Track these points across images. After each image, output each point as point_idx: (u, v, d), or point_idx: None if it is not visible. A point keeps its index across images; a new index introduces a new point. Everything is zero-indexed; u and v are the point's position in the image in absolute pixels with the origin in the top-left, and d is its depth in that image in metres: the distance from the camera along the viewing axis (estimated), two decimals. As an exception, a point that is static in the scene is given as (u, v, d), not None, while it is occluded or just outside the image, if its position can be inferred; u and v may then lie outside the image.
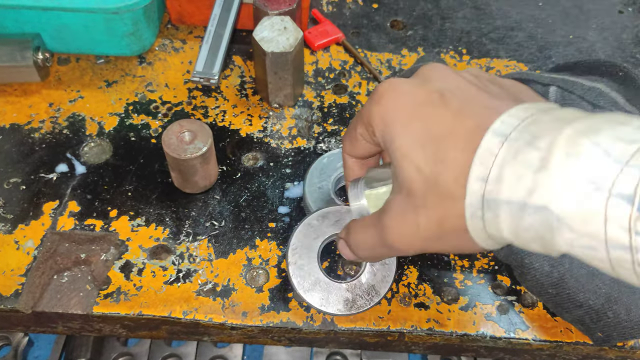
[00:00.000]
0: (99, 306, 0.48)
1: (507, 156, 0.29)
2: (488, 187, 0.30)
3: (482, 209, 0.31)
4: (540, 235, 0.29)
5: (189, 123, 0.51)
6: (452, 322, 0.48)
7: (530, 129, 0.29)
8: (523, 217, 0.29)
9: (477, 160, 0.30)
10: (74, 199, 0.53)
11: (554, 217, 0.28)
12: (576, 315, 0.45)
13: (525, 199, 0.28)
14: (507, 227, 0.30)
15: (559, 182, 0.27)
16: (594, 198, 0.26)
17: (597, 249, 0.27)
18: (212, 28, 0.56)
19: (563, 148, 0.27)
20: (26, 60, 0.57)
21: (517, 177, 0.29)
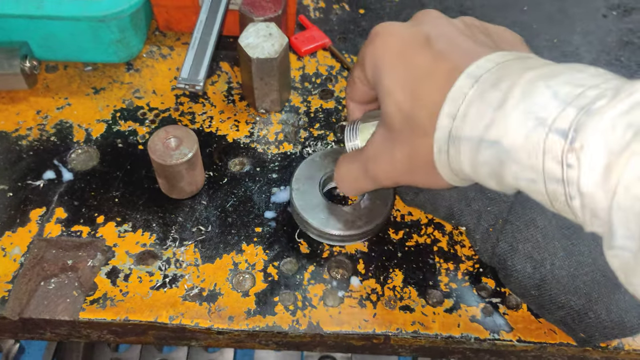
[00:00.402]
0: (86, 312, 0.48)
1: (475, 96, 0.32)
2: (455, 123, 0.33)
3: (447, 143, 0.33)
4: (493, 170, 0.32)
5: (175, 129, 0.51)
6: (437, 325, 0.48)
7: (499, 73, 0.32)
8: (479, 151, 0.32)
9: (449, 98, 0.33)
10: (61, 206, 0.53)
11: (503, 150, 0.30)
12: (558, 316, 0.45)
13: (483, 134, 0.31)
14: (467, 162, 0.33)
15: (511, 119, 0.30)
16: (537, 132, 0.29)
17: (537, 181, 0.29)
18: (197, 35, 0.56)
19: (520, 90, 0.30)
20: (13, 68, 0.57)
21: (479, 115, 0.31)
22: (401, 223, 0.54)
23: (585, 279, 0.43)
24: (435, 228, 0.54)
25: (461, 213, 0.51)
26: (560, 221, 0.45)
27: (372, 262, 0.52)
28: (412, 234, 0.53)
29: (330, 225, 0.49)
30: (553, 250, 0.44)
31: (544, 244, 0.45)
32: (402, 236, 0.53)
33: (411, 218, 0.54)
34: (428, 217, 0.54)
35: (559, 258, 0.44)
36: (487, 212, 0.49)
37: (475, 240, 0.50)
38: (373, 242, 0.53)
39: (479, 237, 0.50)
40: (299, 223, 0.52)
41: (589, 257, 0.43)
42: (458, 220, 0.51)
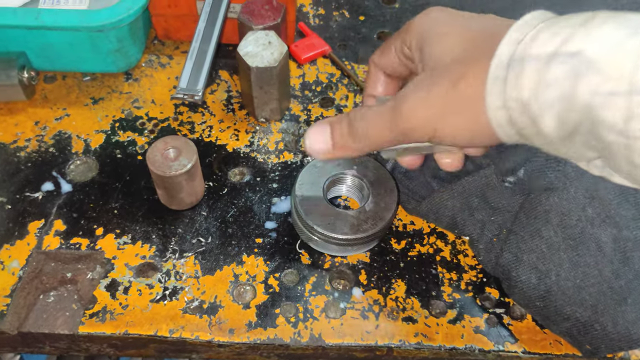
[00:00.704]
0: (85, 326, 0.47)
1: (546, 25, 0.30)
2: (520, 46, 0.30)
3: (506, 68, 0.30)
4: (562, 91, 0.28)
5: (174, 140, 0.51)
6: (440, 336, 0.48)
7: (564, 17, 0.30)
8: (550, 68, 0.28)
9: (513, 29, 0.31)
10: (60, 218, 0.53)
11: (584, 61, 0.27)
12: (564, 327, 0.45)
13: (558, 48, 0.28)
14: (529, 85, 0.29)
15: (598, 29, 0.27)
16: (630, 41, 0.26)
17: (619, 94, 0.27)
18: (196, 44, 0.56)
19: (605, 15, 0.28)
20: (11, 79, 0.57)
21: (554, 33, 0.29)
22: (403, 232, 0.53)
23: (591, 290, 0.42)
24: (438, 237, 0.53)
25: (464, 223, 0.50)
26: (566, 232, 0.44)
27: (374, 273, 0.51)
28: (415, 243, 0.53)
29: (337, 229, 0.49)
30: (558, 261, 0.44)
31: (549, 254, 0.44)
32: (405, 246, 0.53)
33: (413, 227, 0.54)
34: (430, 227, 0.54)
35: (564, 269, 0.43)
36: (490, 222, 0.48)
37: (478, 250, 0.50)
38: (375, 252, 0.52)
39: (483, 247, 0.49)
40: (301, 233, 0.52)
41: (595, 269, 0.43)
42: (461, 229, 0.51)
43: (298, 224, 0.51)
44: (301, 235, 0.52)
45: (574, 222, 0.44)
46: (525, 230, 0.46)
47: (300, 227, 0.51)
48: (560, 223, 0.44)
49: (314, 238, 0.50)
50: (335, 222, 0.49)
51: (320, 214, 0.49)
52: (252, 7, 0.59)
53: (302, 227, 0.50)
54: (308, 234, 0.50)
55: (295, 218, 0.51)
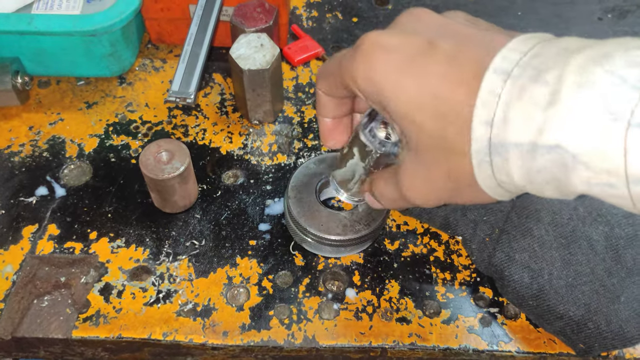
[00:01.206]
0: (79, 330, 0.47)
1: (512, 95, 0.27)
2: (494, 130, 0.28)
3: (489, 154, 0.29)
4: (554, 177, 0.27)
5: (167, 143, 0.51)
6: (434, 336, 0.48)
7: (534, 63, 0.27)
8: (535, 158, 0.27)
9: (479, 103, 0.28)
10: (54, 222, 0.53)
11: (568, 155, 0.25)
12: (557, 326, 0.44)
13: (536, 138, 0.26)
14: (518, 172, 0.28)
15: (572, 117, 0.25)
16: (612, 130, 0.24)
17: (617, 186, 0.25)
18: (188, 47, 0.56)
19: (574, 79, 0.25)
20: (5, 84, 0.57)
21: (525, 117, 0.26)
22: (397, 233, 0.53)
23: (584, 289, 0.42)
24: (432, 237, 0.53)
25: (457, 223, 0.50)
26: (557, 230, 0.44)
27: (367, 274, 0.51)
28: (408, 244, 0.53)
29: (329, 231, 0.49)
30: (550, 260, 0.44)
31: (541, 253, 0.44)
32: (398, 246, 0.53)
33: (407, 228, 0.54)
34: (424, 227, 0.54)
35: (556, 268, 0.43)
36: (483, 222, 0.48)
37: (471, 250, 0.50)
38: (368, 253, 0.52)
39: (476, 246, 0.49)
40: (294, 235, 0.52)
41: (587, 267, 0.43)
42: (454, 229, 0.51)
43: (291, 226, 0.51)
44: (294, 236, 0.52)
45: (565, 221, 0.44)
46: (517, 230, 0.46)
47: (293, 229, 0.51)
48: (552, 221, 0.44)
49: (307, 239, 0.50)
50: (328, 223, 0.49)
51: (313, 215, 0.49)
52: (245, 10, 0.59)
53: (295, 228, 0.50)
54: (301, 235, 0.50)
55: (289, 220, 0.51)
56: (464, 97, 0.29)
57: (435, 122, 0.31)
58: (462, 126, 0.29)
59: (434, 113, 0.31)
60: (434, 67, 0.31)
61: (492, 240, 0.48)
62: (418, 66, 0.31)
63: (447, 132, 0.30)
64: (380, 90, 0.33)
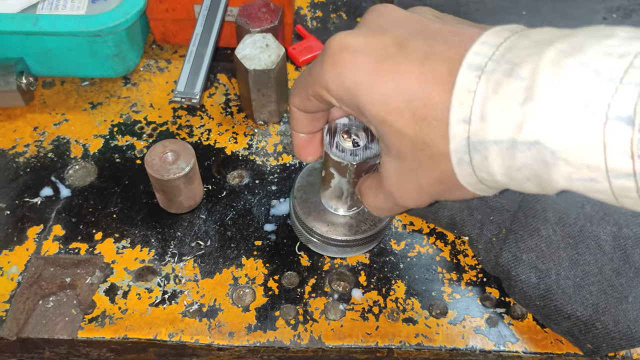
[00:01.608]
0: (84, 331, 0.47)
1: (488, 91, 0.27)
2: (472, 127, 0.27)
3: (469, 153, 0.28)
4: (535, 174, 0.27)
5: (172, 143, 0.51)
6: (440, 337, 0.47)
7: (508, 57, 0.26)
8: (515, 155, 0.26)
9: (455, 101, 0.27)
10: (59, 223, 0.53)
11: (547, 151, 0.25)
12: (565, 326, 0.44)
13: (515, 135, 0.26)
14: (499, 169, 0.28)
15: (549, 113, 0.25)
16: (589, 125, 0.24)
17: (598, 180, 0.25)
18: (193, 48, 0.56)
19: (548, 73, 0.25)
20: (9, 85, 0.57)
21: (502, 113, 0.26)
22: (403, 233, 0.53)
23: (592, 289, 0.42)
24: (438, 238, 0.53)
25: (463, 223, 0.50)
26: (565, 230, 0.44)
27: (373, 274, 0.51)
28: (414, 244, 0.53)
29: (335, 231, 0.48)
30: (558, 260, 0.43)
31: (548, 253, 0.44)
32: (404, 246, 0.52)
33: (413, 228, 0.54)
34: (430, 227, 0.54)
35: (564, 268, 0.43)
36: (490, 222, 0.48)
37: (478, 250, 0.50)
38: (374, 253, 0.52)
39: (482, 247, 0.49)
40: (300, 235, 0.52)
41: (595, 267, 0.42)
42: (460, 230, 0.51)
43: (297, 226, 0.51)
44: (300, 237, 0.52)
45: (572, 221, 0.44)
46: (524, 230, 0.46)
47: (299, 229, 0.51)
48: (559, 221, 0.44)
49: (313, 240, 0.50)
50: (334, 224, 0.49)
51: (319, 215, 0.49)
52: (250, 10, 0.59)
53: (301, 229, 0.50)
54: (307, 235, 0.50)
55: (294, 220, 0.51)
56: (440, 96, 0.28)
57: (415, 126, 0.30)
58: (443, 128, 0.29)
59: (413, 117, 0.30)
60: (406, 68, 0.29)
61: (498, 240, 0.48)
62: (390, 67, 0.30)
63: (429, 136, 0.29)
64: (354, 95, 0.31)
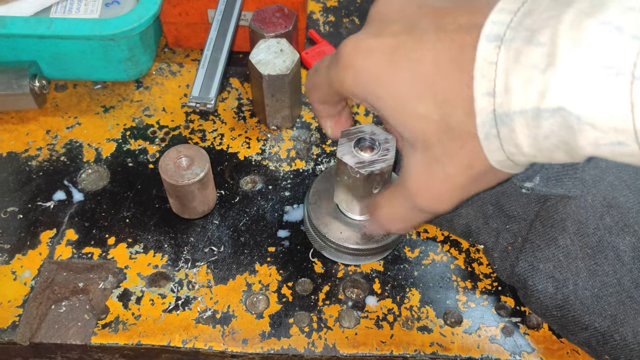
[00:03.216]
0: (98, 336, 0.47)
1: (509, 61, 0.26)
2: (497, 100, 0.27)
3: (495, 126, 0.27)
4: (562, 141, 0.26)
5: (186, 148, 0.50)
6: (455, 346, 0.47)
7: (526, 23, 0.26)
8: (540, 124, 0.26)
9: (477, 74, 0.27)
10: (72, 227, 0.53)
11: (572, 117, 0.24)
12: (582, 337, 0.44)
13: (539, 103, 0.25)
14: (526, 140, 0.27)
15: (572, 77, 0.24)
16: (615, 86, 0.23)
17: (627, 143, 0.24)
18: (208, 52, 0.56)
19: (568, 37, 0.24)
20: (23, 88, 0.57)
21: (525, 82, 0.25)
22: (417, 241, 0.53)
23: (611, 300, 0.42)
24: (452, 245, 0.53)
25: (479, 231, 0.50)
26: (583, 240, 0.43)
27: (388, 282, 0.51)
28: (428, 251, 0.52)
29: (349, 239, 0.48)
30: (576, 270, 0.43)
31: (566, 263, 0.44)
32: (418, 254, 0.52)
33: (427, 235, 0.53)
34: (444, 235, 0.53)
35: (582, 278, 0.43)
36: (506, 230, 0.48)
37: (493, 258, 0.49)
38: (388, 261, 0.52)
39: (498, 255, 0.49)
40: (313, 242, 0.51)
41: (614, 278, 0.42)
42: (476, 238, 0.50)
43: (311, 233, 0.51)
44: (314, 243, 0.52)
45: (591, 231, 0.43)
46: (542, 239, 0.45)
47: (313, 236, 0.51)
48: (577, 231, 0.44)
49: (327, 247, 0.50)
50: (348, 231, 0.49)
51: (333, 222, 0.49)
52: (264, 15, 0.58)
53: (315, 235, 0.50)
54: (321, 242, 0.50)
55: (308, 226, 0.51)
56: (459, 75, 0.28)
57: (439, 110, 0.29)
58: (468, 107, 0.28)
59: (435, 100, 0.29)
60: (419, 54, 0.29)
61: (514, 249, 0.48)
62: (404, 58, 0.30)
63: (454, 118, 0.29)
64: (373, 91, 0.32)
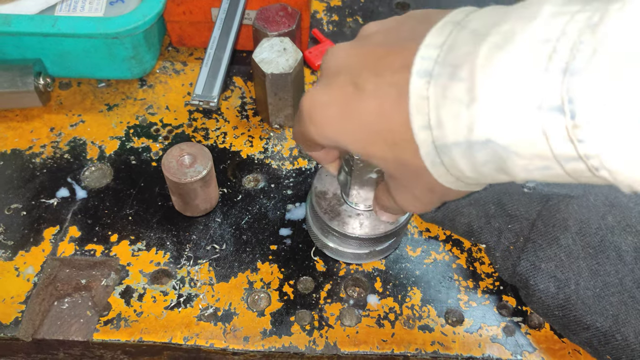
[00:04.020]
0: (100, 333, 0.47)
1: (438, 96, 0.27)
2: (434, 133, 0.28)
3: (438, 155, 0.29)
4: (498, 166, 0.28)
5: (189, 146, 0.51)
6: (457, 345, 0.47)
7: (449, 59, 0.27)
8: (474, 154, 0.27)
9: (413, 110, 0.29)
10: (75, 224, 0.53)
11: (499, 148, 0.26)
12: (584, 337, 0.44)
13: (469, 137, 0.27)
14: (466, 167, 0.29)
15: (492, 110, 0.25)
16: (528, 117, 0.24)
17: (552, 167, 0.25)
18: (211, 51, 0.56)
19: (483, 72, 0.25)
20: (27, 85, 0.57)
21: (454, 117, 0.27)
22: (419, 240, 0.53)
23: (612, 300, 0.42)
24: (454, 245, 0.53)
25: (481, 230, 0.50)
26: (585, 240, 0.43)
27: (389, 280, 0.51)
28: (430, 250, 0.52)
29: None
30: (578, 269, 0.43)
31: (567, 263, 0.44)
32: (420, 253, 0.52)
33: (429, 234, 0.53)
34: (446, 234, 0.53)
35: (584, 278, 0.43)
36: (508, 230, 0.48)
37: (495, 258, 0.49)
38: (390, 260, 0.52)
39: (499, 255, 0.49)
40: (315, 240, 0.52)
41: (616, 278, 0.42)
42: (477, 237, 0.50)
43: (313, 231, 0.51)
44: (316, 242, 0.52)
45: (593, 230, 0.43)
46: (544, 239, 0.45)
47: (315, 234, 0.51)
48: (579, 231, 0.44)
49: (328, 245, 0.50)
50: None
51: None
52: (267, 14, 0.59)
53: (317, 234, 0.50)
54: (323, 240, 0.50)
55: (310, 225, 0.51)
56: (401, 117, 0.30)
57: (391, 152, 0.32)
58: (413, 145, 0.30)
59: (386, 144, 0.32)
60: (365, 104, 0.31)
61: (516, 248, 0.47)
62: (352, 110, 0.32)
63: (405, 156, 0.31)
64: (336, 140, 0.34)
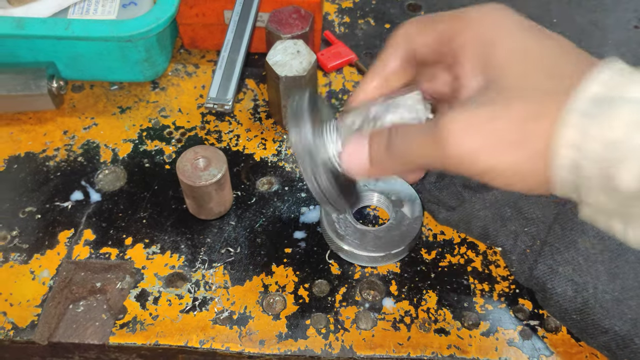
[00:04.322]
0: (115, 336, 0.47)
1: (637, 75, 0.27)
2: (611, 84, 0.27)
3: (594, 105, 0.26)
4: None
5: (203, 149, 0.51)
6: (473, 349, 0.47)
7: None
8: None
9: (599, 69, 0.27)
10: (89, 227, 0.53)
11: None
12: (602, 341, 0.44)
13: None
14: (622, 123, 0.25)
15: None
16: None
17: None
18: (225, 54, 0.56)
19: None
20: (40, 89, 0.57)
21: None
22: (433, 242, 0.53)
23: (631, 303, 0.42)
24: (469, 247, 0.52)
25: (496, 233, 0.49)
26: (603, 244, 0.43)
27: (404, 283, 0.50)
28: (445, 253, 0.52)
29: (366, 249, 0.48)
30: (596, 273, 0.43)
31: (585, 266, 0.43)
32: (435, 256, 0.52)
33: (444, 237, 0.53)
34: (461, 237, 0.53)
35: (602, 281, 0.42)
36: (524, 233, 0.48)
37: (511, 261, 0.49)
38: (405, 263, 0.52)
39: (516, 258, 0.48)
40: (330, 243, 0.51)
41: (635, 281, 0.42)
42: (493, 240, 0.50)
43: (327, 234, 0.51)
44: (330, 245, 0.52)
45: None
46: (561, 242, 0.45)
47: (329, 237, 0.51)
48: (597, 234, 0.44)
49: (343, 248, 0.50)
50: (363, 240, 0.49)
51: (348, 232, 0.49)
52: (280, 16, 0.58)
53: (331, 236, 0.50)
54: (338, 243, 0.50)
55: (325, 227, 0.51)
56: (583, 69, 0.28)
57: (547, 71, 0.29)
58: (570, 84, 0.27)
59: (548, 65, 0.30)
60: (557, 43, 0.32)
61: (533, 252, 0.47)
62: (539, 35, 0.32)
63: (554, 85, 0.28)
64: (502, 40, 0.31)
